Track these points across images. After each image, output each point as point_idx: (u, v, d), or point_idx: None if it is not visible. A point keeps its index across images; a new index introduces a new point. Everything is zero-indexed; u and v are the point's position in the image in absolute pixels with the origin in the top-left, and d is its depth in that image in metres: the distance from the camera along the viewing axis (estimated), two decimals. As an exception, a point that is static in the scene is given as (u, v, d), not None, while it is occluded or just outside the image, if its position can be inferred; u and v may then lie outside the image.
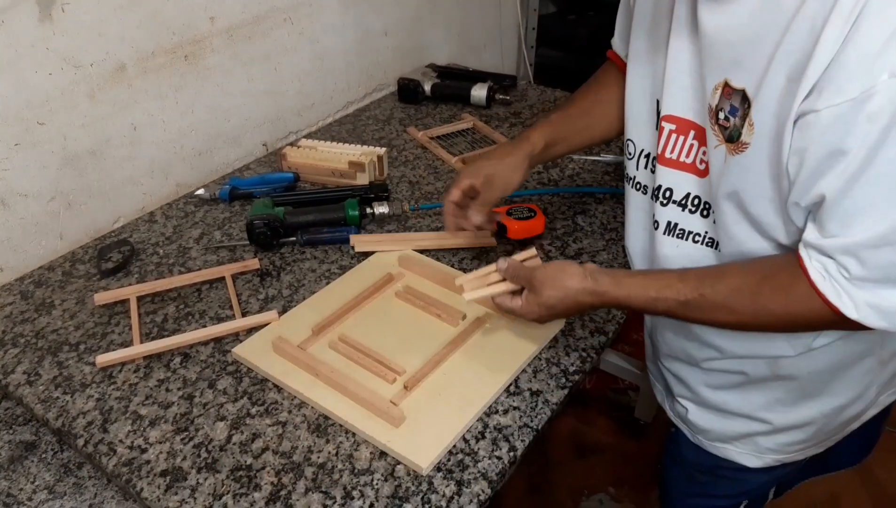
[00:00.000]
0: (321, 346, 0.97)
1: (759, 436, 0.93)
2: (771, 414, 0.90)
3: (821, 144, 0.62)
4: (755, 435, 0.93)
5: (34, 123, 1.11)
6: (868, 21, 0.58)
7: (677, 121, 0.80)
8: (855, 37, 0.58)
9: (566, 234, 1.22)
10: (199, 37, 1.31)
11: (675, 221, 0.84)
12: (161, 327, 1.03)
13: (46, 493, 0.88)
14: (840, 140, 0.61)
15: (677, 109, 0.79)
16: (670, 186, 0.83)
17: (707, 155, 0.77)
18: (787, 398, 0.88)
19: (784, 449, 0.94)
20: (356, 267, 1.13)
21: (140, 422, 0.88)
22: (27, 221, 1.15)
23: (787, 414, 0.90)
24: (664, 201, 0.84)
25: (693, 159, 0.80)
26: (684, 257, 0.84)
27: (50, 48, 1.09)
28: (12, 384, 0.94)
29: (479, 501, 0.78)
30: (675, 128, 0.80)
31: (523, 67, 2.27)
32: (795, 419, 0.90)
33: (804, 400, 0.88)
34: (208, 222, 1.27)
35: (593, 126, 1.05)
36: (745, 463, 0.96)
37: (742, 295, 0.73)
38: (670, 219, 0.84)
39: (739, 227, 0.76)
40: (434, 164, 1.46)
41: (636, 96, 0.87)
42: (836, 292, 0.67)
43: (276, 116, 1.53)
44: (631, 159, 0.90)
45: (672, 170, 0.82)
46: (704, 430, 0.98)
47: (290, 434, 0.86)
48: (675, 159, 0.82)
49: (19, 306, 1.08)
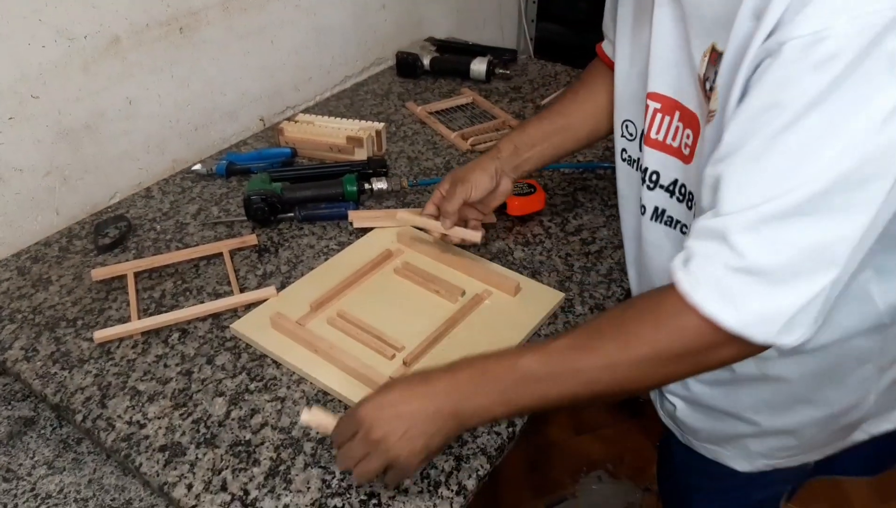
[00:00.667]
0: (320, 322, 0.97)
1: (749, 438, 0.85)
2: (759, 416, 0.82)
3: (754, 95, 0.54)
4: (744, 437, 0.86)
5: (28, 96, 1.09)
6: None
7: (662, 99, 0.73)
8: None
9: (566, 210, 1.21)
10: (195, 9, 1.29)
11: (663, 207, 0.78)
12: (159, 302, 1.02)
13: (46, 468, 0.88)
14: (777, 89, 0.53)
15: (661, 86, 0.72)
16: (657, 170, 0.76)
17: (692, 138, 0.70)
18: (776, 401, 0.80)
19: (774, 454, 0.86)
20: (354, 243, 1.13)
21: (138, 398, 0.88)
22: (23, 196, 1.14)
23: (776, 417, 0.82)
24: (651, 185, 0.78)
25: (679, 143, 0.73)
26: (672, 247, 0.78)
27: (43, 20, 1.07)
28: (10, 360, 0.93)
29: (478, 476, 0.78)
30: (660, 107, 0.73)
31: (523, 41, 2.24)
32: (785, 423, 0.82)
33: (794, 405, 0.80)
34: (205, 198, 1.26)
35: (572, 126, 0.99)
36: (735, 467, 0.88)
37: (600, 328, 0.63)
38: (658, 205, 0.78)
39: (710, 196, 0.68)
40: (433, 139, 1.44)
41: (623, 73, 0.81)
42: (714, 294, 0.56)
43: (272, 91, 1.51)
44: (633, 141, 0.83)
45: (658, 152, 0.75)
46: (694, 430, 0.91)
47: (289, 410, 0.86)
48: (662, 141, 0.75)
49: (16, 281, 1.07)
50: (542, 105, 1.56)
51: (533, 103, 1.57)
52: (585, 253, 1.11)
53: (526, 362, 0.64)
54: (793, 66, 0.51)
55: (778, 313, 0.55)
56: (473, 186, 0.98)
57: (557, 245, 1.13)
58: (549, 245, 1.13)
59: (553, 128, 1.00)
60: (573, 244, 1.13)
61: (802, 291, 0.55)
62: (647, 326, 0.60)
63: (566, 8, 2.16)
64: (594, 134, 1.00)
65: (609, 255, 1.10)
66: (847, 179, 0.52)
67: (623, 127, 0.84)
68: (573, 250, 1.12)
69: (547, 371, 0.63)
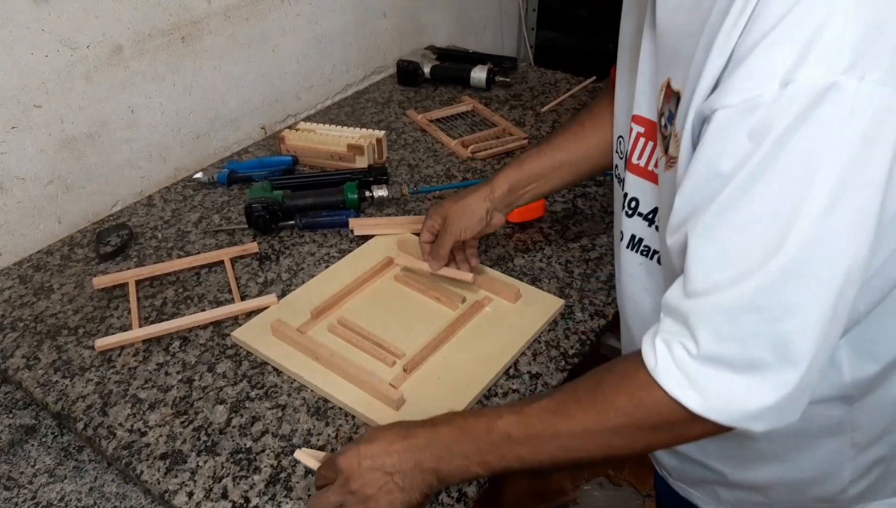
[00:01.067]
0: (320, 329, 0.97)
1: (717, 486, 0.82)
2: (725, 467, 0.78)
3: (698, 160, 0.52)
4: (713, 484, 0.82)
5: (30, 105, 1.10)
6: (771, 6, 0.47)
7: (644, 122, 0.69)
8: (753, 25, 0.48)
9: (566, 217, 1.22)
10: (196, 18, 1.29)
11: (640, 235, 0.73)
12: (160, 310, 1.03)
13: (47, 477, 0.88)
14: (716, 158, 0.50)
15: (644, 109, 0.69)
16: (636, 197, 0.72)
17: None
18: (742, 455, 0.76)
19: (744, 506, 0.82)
20: (355, 251, 1.13)
21: (139, 405, 0.88)
22: (25, 204, 1.15)
23: (742, 472, 0.78)
24: (629, 212, 0.73)
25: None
26: (647, 277, 0.74)
27: (45, 30, 1.08)
28: (11, 369, 0.94)
29: (479, 483, 0.78)
30: (644, 131, 0.69)
31: (524, 49, 2.25)
32: (752, 478, 0.78)
33: (760, 461, 0.76)
34: (207, 206, 1.27)
35: (572, 162, 0.93)
36: None
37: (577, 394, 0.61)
38: (635, 232, 0.74)
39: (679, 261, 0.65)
40: (433, 147, 1.45)
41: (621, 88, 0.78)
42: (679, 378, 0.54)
43: (274, 99, 1.52)
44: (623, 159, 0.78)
45: (638, 178, 0.71)
46: (667, 467, 0.88)
47: (290, 417, 0.86)
48: (643, 167, 0.71)
49: (18, 290, 1.08)
50: (542, 112, 1.56)
51: (533, 111, 1.58)
52: (585, 260, 1.11)
53: (503, 423, 0.63)
54: (729, 134, 0.49)
55: (743, 402, 0.53)
56: (463, 230, 0.96)
57: (557, 252, 1.13)
58: (549, 252, 1.13)
59: (552, 165, 0.94)
60: (573, 251, 1.14)
61: (765, 384, 0.52)
62: (622, 396, 0.58)
63: (566, 16, 2.17)
64: (597, 169, 0.95)
65: (609, 262, 1.11)
66: (792, 271, 0.49)
67: (617, 142, 0.79)
68: (573, 257, 1.12)
69: (524, 434, 0.62)
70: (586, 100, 1.63)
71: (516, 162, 0.96)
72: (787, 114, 0.46)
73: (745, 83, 0.48)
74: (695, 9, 0.56)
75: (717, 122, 0.50)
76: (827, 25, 0.45)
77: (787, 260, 0.49)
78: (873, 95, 0.45)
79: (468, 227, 0.95)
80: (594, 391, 0.60)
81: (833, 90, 0.45)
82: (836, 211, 0.47)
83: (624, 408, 0.58)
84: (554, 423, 0.61)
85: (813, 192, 0.47)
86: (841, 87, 0.45)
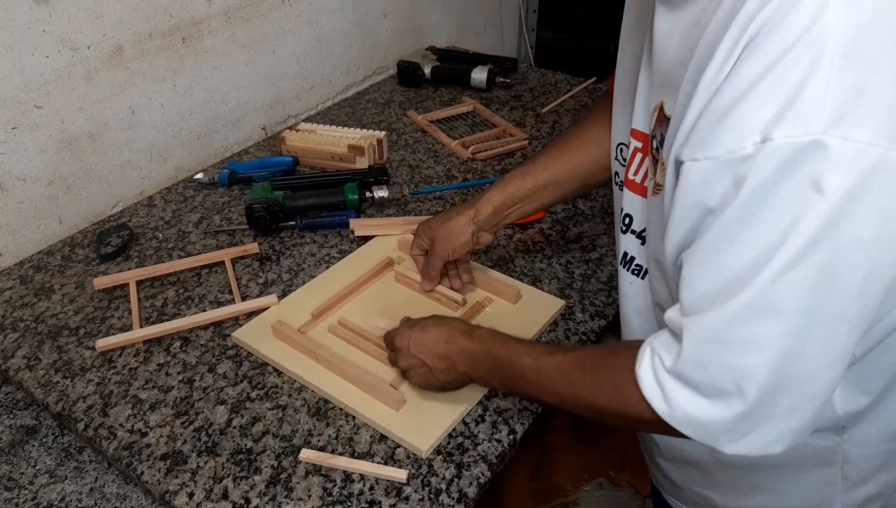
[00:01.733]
0: (321, 330, 0.97)
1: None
2: (715, 495, 0.80)
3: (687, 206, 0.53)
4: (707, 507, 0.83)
5: (31, 106, 1.10)
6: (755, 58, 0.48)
7: (641, 138, 0.69)
8: (736, 76, 0.49)
9: (567, 218, 1.22)
10: (197, 19, 1.29)
11: (633, 254, 0.74)
12: (161, 311, 1.03)
13: (47, 477, 0.88)
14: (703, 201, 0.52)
15: (640, 123, 0.69)
16: (630, 213, 0.73)
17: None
18: (732, 483, 0.78)
19: None
20: (356, 251, 1.13)
21: (140, 406, 0.88)
22: (26, 205, 1.15)
23: (732, 499, 0.79)
24: (623, 228, 0.74)
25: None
26: (638, 298, 0.75)
27: (46, 31, 1.08)
28: (12, 369, 0.94)
29: (479, 484, 0.78)
30: (641, 146, 0.69)
31: (524, 50, 2.25)
32: (741, 505, 0.79)
33: (749, 490, 0.77)
34: (207, 207, 1.27)
35: (559, 181, 0.92)
36: None
37: (583, 364, 0.66)
38: (627, 250, 0.74)
39: (659, 285, 0.68)
40: (434, 147, 1.45)
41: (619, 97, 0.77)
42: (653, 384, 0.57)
43: (274, 100, 1.52)
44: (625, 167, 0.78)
45: (633, 194, 0.71)
46: (661, 483, 0.89)
47: (290, 418, 0.86)
48: (639, 183, 0.70)
49: (19, 290, 1.08)
50: (542, 113, 1.56)
51: (533, 112, 1.58)
52: (586, 261, 1.11)
53: (522, 364, 0.72)
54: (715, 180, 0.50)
55: (704, 421, 0.55)
56: (451, 252, 0.96)
57: (558, 253, 1.13)
58: (549, 253, 1.13)
59: (536, 185, 0.92)
60: (573, 252, 1.14)
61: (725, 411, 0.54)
62: (611, 384, 0.63)
63: (566, 17, 2.17)
64: (586, 186, 0.94)
65: (609, 262, 1.11)
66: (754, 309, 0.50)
67: (618, 151, 0.78)
68: (573, 258, 1.12)
69: (536, 381, 0.71)
70: (587, 101, 1.63)
71: (501, 183, 0.94)
72: (764, 169, 0.47)
73: (728, 136, 0.48)
74: (684, 40, 0.56)
75: (702, 171, 0.51)
76: (808, 83, 0.45)
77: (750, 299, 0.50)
78: (858, 154, 0.45)
79: (455, 249, 0.96)
80: (594, 369, 0.66)
81: (814, 148, 0.45)
82: (801, 265, 0.48)
83: (610, 396, 0.63)
84: (557, 382, 0.69)
85: (785, 245, 0.48)
86: (823, 145, 0.45)
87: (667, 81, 0.60)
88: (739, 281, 0.50)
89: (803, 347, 0.51)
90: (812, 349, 0.51)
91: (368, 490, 0.77)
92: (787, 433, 0.55)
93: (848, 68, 0.45)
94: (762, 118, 0.47)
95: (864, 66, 0.45)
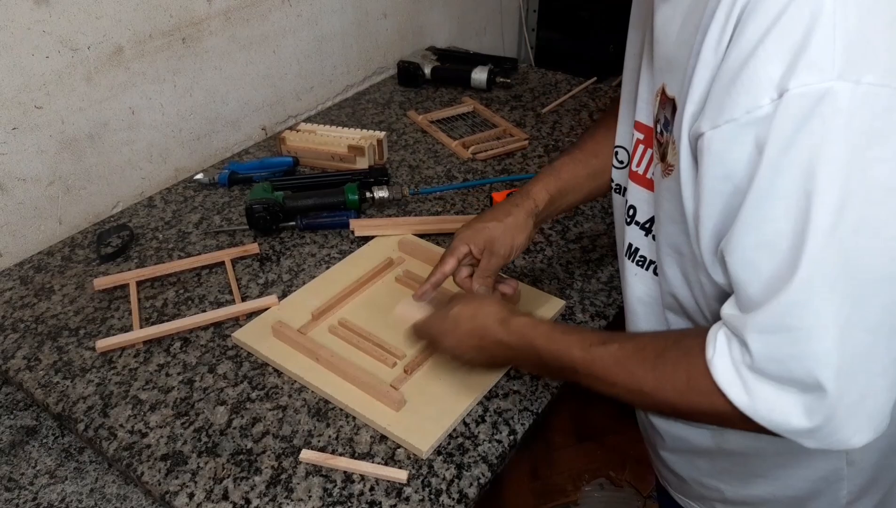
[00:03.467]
0: (321, 330, 0.97)
1: (716, 502, 0.83)
2: (721, 483, 0.80)
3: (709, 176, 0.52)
4: (713, 500, 0.83)
5: (31, 106, 1.10)
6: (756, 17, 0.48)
7: (644, 129, 0.69)
8: (739, 39, 0.49)
9: (567, 218, 1.22)
10: (197, 19, 1.29)
11: (637, 245, 0.74)
12: (161, 311, 1.03)
13: (48, 478, 0.88)
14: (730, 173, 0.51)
15: (643, 114, 0.68)
16: (634, 204, 0.73)
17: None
18: (736, 471, 0.78)
19: None
20: (356, 252, 1.13)
21: (140, 407, 0.88)
22: (26, 205, 1.15)
23: (738, 488, 0.79)
24: (628, 220, 0.74)
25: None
26: (641, 288, 0.75)
27: (46, 31, 1.08)
28: (12, 370, 0.94)
29: (480, 484, 0.78)
30: (643, 138, 0.69)
31: (524, 50, 2.25)
32: (747, 494, 0.78)
33: (754, 478, 0.76)
34: (207, 207, 1.27)
35: (605, 170, 0.86)
36: None
37: (644, 354, 0.63)
38: (632, 242, 0.74)
39: (673, 272, 0.66)
40: (434, 148, 1.45)
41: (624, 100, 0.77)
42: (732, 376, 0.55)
43: (275, 100, 1.52)
44: (622, 169, 0.78)
45: (637, 186, 0.72)
46: (667, 479, 0.89)
47: (291, 418, 0.86)
48: (641, 175, 0.70)
49: (19, 291, 1.08)
50: (542, 113, 1.56)
51: (534, 112, 1.58)
52: (586, 261, 1.11)
53: (573, 356, 0.67)
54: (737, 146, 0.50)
55: (786, 416, 0.53)
56: (515, 249, 0.88)
57: (558, 253, 1.13)
58: (549, 253, 1.13)
59: (587, 172, 0.89)
60: (574, 252, 1.14)
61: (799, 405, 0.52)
62: (682, 375, 0.59)
63: (567, 17, 2.17)
64: None
65: (610, 263, 1.11)
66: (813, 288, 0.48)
67: (615, 154, 0.79)
68: (574, 258, 1.12)
69: (587, 373, 0.67)
70: (587, 101, 1.63)
71: (551, 170, 0.90)
72: (784, 124, 0.47)
73: (744, 97, 0.48)
74: (689, 18, 0.56)
75: (723, 137, 0.50)
76: (814, 32, 0.46)
77: (806, 275, 0.48)
78: (869, 97, 0.45)
79: (519, 246, 0.88)
80: (657, 359, 0.62)
81: (828, 96, 0.45)
82: (843, 223, 0.47)
83: (679, 388, 0.59)
84: (614, 373, 0.64)
85: (816, 205, 0.47)
86: (836, 92, 0.45)
87: (669, 64, 0.60)
88: (787, 261, 0.49)
89: (862, 316, 0.49)
90: (871, 316, 0.50)
91: (369, 491, 0.77)
92: (866, 420, 0.52)
93: (849, 13, 0.45)
94: (775, 72, 0.47)
95: (862, 8, 0.46)
